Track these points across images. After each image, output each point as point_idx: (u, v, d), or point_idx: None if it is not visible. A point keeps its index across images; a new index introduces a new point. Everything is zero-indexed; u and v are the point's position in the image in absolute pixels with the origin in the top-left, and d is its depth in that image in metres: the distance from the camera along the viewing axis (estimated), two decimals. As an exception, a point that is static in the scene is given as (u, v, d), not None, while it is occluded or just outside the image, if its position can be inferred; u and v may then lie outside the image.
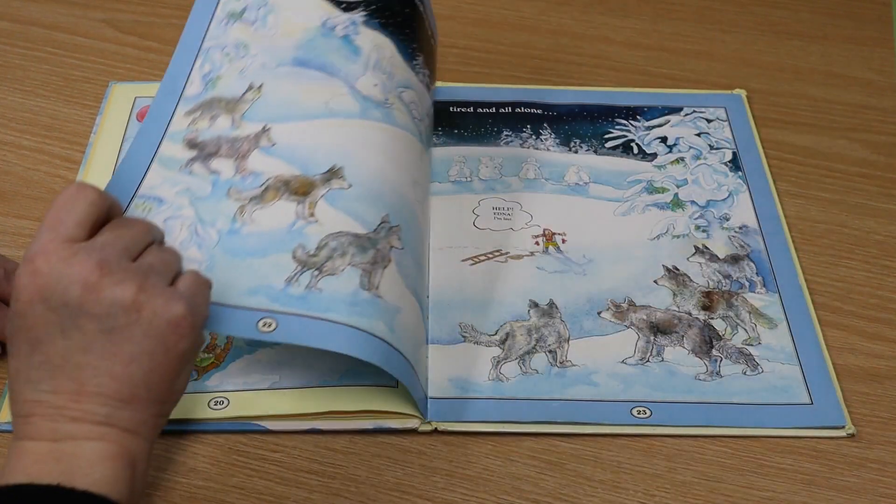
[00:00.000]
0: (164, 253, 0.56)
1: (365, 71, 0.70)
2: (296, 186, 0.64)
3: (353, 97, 0.69)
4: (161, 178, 0.64)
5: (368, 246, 0.62)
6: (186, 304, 0.53)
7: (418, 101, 0.74)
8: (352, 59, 0.70)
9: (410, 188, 0.68)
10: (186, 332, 0.53)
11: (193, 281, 0.56)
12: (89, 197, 0.54)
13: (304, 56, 0.70)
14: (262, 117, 0.67)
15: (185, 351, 0.53)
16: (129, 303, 0.51)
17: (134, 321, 0.51)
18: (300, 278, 0.60)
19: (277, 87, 0.68)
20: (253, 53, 0.70)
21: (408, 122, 0.71)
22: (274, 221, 0.62)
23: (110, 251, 0.52)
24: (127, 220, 0.57)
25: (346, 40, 0.71)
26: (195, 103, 0.68)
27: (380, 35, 0.72)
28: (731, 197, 0.78)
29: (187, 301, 0.53)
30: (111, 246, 0.53)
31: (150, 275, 0.53)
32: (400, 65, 0.73)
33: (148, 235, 0.56)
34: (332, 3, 0.72)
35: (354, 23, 0.72)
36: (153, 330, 0.52)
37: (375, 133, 0.68)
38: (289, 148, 0.66)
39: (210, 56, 0.70)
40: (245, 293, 0.59)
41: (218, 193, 0.64)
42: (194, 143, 0.66)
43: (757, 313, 0.70)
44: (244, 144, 0.66)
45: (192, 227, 0.62)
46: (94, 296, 0.51)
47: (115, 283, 0.51)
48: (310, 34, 0.71)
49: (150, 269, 0.53)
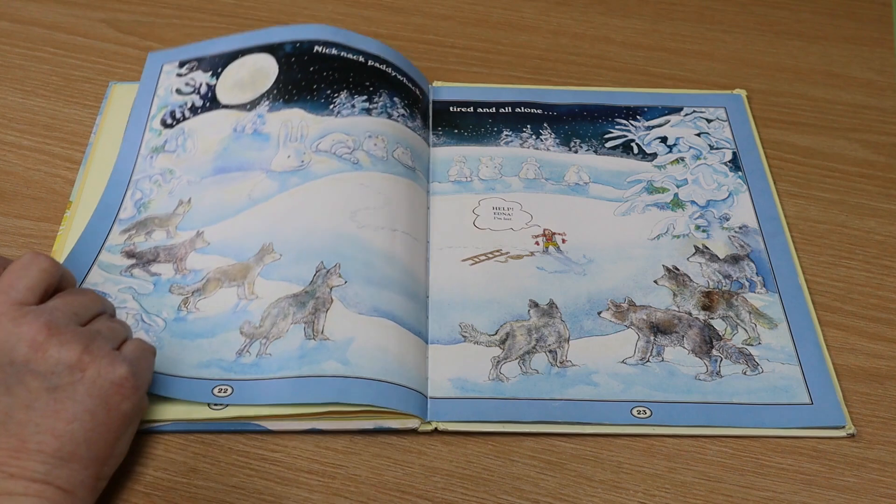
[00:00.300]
0: (113, 322, 0.59)
1: (277, 150, 0.76)
2: (234, 274, 0.70)
3: (270, 179, 0.75)
4: (103, 278, 0.70)
5: (307, 299, 0.67)
6: (130, 367, 0.55)
7: (351, 129, 0.77)
8: (263, 147, 0.77)
9: (348, 220, 0.71)
10: (129, 394, 0.55)
11: (138, 346, 0.59)
12: (42, 265, 0.57)
13: (222, 164, 0.77)
14: (195, 225, 0.73)
15: (127, 412, 0.55)
16: (74, 362, 0.53)
17: (78, 380, 0.53)
18: (250, 349, 0.65)
19: (204, 197, 0.75)
20: (178, 175, 0.77)
21: (332, 165, 0.75)
22: (218, 307, 0.68)
23: (59, 314, 0.55)
24: (78, 289, 0.60)
25: (255, 134, 0.78)
26: (130, 223, 0.74)
27: (286, 111, 0.79)
28: (731, 197, 0.78)
29: (131, 363, 0.56)
30: (60, 310, 0.56)
31: (96, 338, 0.55)
32: (314, 120, 0.78)
33: (98, 304, 0.59)
34: (239, 109, 0.80)
35: (260, 115, 0.79)
36: (96, 390, 0.54)
37: (296, 197, 0.73)
38: (222, 244, 0.72)
39: (140, 186, 0.76)
40: (197, 367, 0.64)
41: (160, 290, 0.69)
42: (132, 254, 0.72)
43: (757, 313, 0.70)
44: (181, 250, 0.72)
45: (137, 316, 0.67)
46: (39, 354, 0.53)
47: (61, 343, 0.54)
48: (224, 143, 0.78)
49: (97, 334, 0.56)
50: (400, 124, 0.79)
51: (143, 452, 0.62)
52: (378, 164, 0.76)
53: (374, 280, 0.69)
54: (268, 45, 0.83)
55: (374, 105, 0.79)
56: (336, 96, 0.79)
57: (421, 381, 0.65)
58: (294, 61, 0.82)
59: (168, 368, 0.64)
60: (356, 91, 0.80)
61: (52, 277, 0.57)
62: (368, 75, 0.81)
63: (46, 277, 0.57)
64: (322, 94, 0.80)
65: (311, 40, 0.83)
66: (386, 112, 0.79)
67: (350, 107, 0.79)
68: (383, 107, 0.80)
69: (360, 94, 0.80)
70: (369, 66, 0.82)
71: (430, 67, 0.89)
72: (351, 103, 0.79)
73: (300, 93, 0.80)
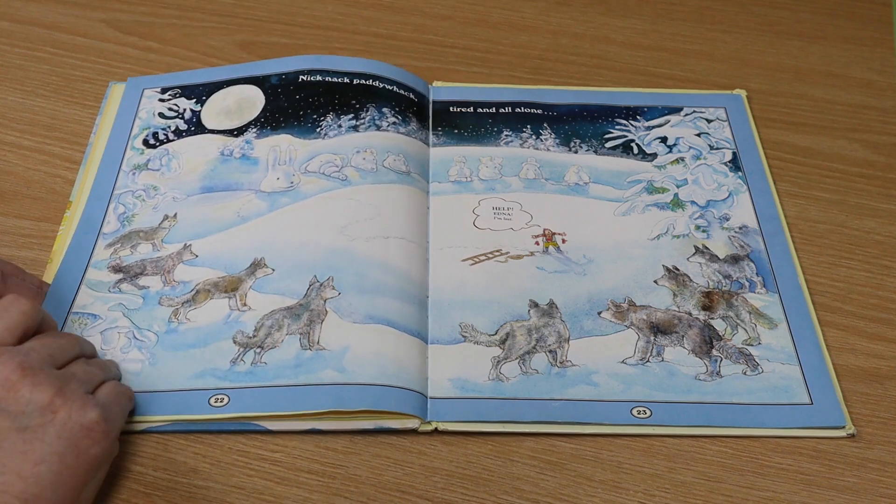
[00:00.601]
0: (90, 366, 0.59)
1: (266, 173, 0.77)
2: (224, 286, 0.70)
3: (259, 199, 0.75)
4: (92, 298, 0.69)
5: (301, 311, 0.68)
6: (101, 412, 0.55)
7: (339, 149, 0.78)
8: (252, 170, 0.78)
9: (339, 235, 0.72)
10: (99, 438, 0.55)
11: (113, 390, 0.59)
12: (22, 307, 0.57)
13: (209, 184, 0.77)
14: (182, 238, 0.73)
15: (97, 457, 0.55)
16: (46, 404, 0.54)
17: (48, 422, 0.53)
18: (244, 357, 0.66)
19: (191, 213, 0.75)
20: (163, 192, 0.76)
21: (321, 184, 0.76)
22: (210, 317, 0.68)
23: (34, 356, 0.55)
24: (57, 332, 0.61)
25: (243, 158, 0.79)
26: (114, 237, 0.74)
27: (273, 137, 0.80)
28: (731, 197, 0.78)
29: (102, 409, 0.56)
30: (35, 352, 0.56)
31: (70, 381, 0.56)
32: (302, 143, 0.79)
33: (76, 347, 0.60)
34: (225, 134, 0.80)
35: (248, 141, 0.80)
36: (66, 433, 0.54)
37: (286, 215, 0.74)
38: (212, 256, 0.72)
39: (122, 200, 0.76)
40: (192, 377, 0.65)
41: (150, 304, 0.69)
42: (119, 268, 0.72)
43: (757, 313, 0.70)
44: (168, 262, 0.72)
45: (129, 334, 0.67)
46: (11, 394, 0.53)
47: (33, 384, 0.54)
48: (211, 164, 0.78)
49: (72, 377, 0.56)
50: (390, 133, 0.80)
51: (143, 452, 0.62)
52: (367, 176, 0.76)
53: (367, 289, 0.69)
54: (253, 77, 0.84)
55: (362, 121, 0.80)
56: (322, 119, 0.80)
57: (421, 382, 0.65)
58: (280, 91, 0.83)
59: (163, 382, 0.64)
60: (342, 111, 0.81)
61: (31, 320, 0.57)
62: (354, 93, 0.82)
63: (25, 320, 0.57)
64: (309, 119, 0.81)
65: (296, 71, 0.84)
66: (374, 125, 0.80)
67: (337, 127, 0.80)
68: (371, 120, 0.80)
69: (346, 113, 0.81)
70: (355, 84, 0.83)
71: (430, 67, 0.89)
72: (338, 124, 0.80)
73: (287, 119, 0.81)
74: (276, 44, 0.91)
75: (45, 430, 0.53)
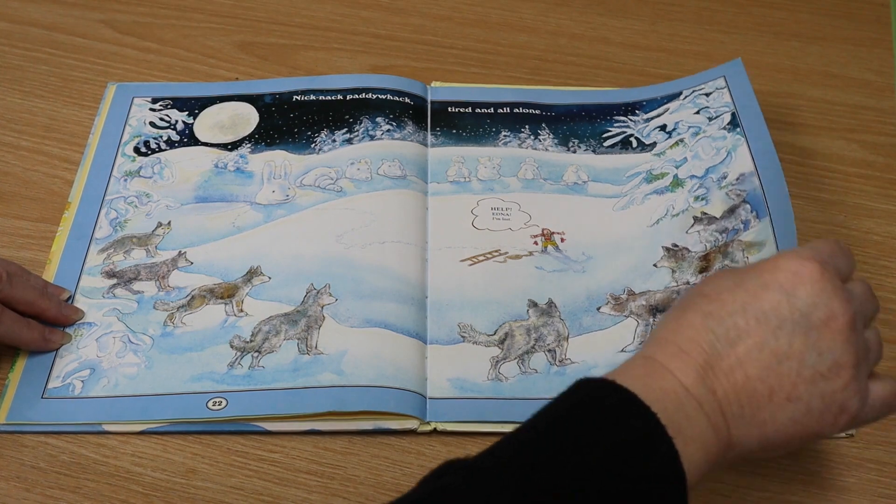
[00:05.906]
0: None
1: (261, 185, 0.78)
2: (220, 292, 0.70)
3: (255, 210, 0.76)
4: (86, 306, 0.69)
5: (299, 317, 0.68)
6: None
7: (333, 162, 0.79)
8: (246, 183, 0.78)
9: (335, 243, 0.73)
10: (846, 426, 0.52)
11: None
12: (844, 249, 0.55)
13: (203, 194, 0.77)
14: (176, 245, 0.73)
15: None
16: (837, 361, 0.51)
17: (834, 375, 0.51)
18: (242, 361, 0.66)
19: (185, 221, 0.75)
20: (156, 199, 0.77)
21: (317, 196, 0.76)
22: (206, 322, 0.68)
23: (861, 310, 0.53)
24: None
25: (238, 171, 0.79)
26: (107, 242, 0.74)
27: (268, 152, 0.80)
28: (729, 155, 0.76)
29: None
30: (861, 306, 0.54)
31: (867, 357, 0.53)
32: (297, 159, 0.79)
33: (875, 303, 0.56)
34: (219, 148, 0.80)
35: (242, 156, 0.80)
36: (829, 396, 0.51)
37: (282, 226, 0.75)
38: (207, 264, 0.72)
39: (114, 205, 0.76)
40: (189, 380, 0.65)
41: (145, 308, 0.69)
42: (112, 273, 0.72)
43: (748, 245, 0.70)
44: (163, 268, 0.72)
45: (124, 338, 0.67)
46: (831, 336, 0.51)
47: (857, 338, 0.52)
48: (205, 176, 0.78)
49: (868, 353, 0.53)
50: (385, 140, 0.80)
51: (143, 453, 0.62)
52: (362, 185, 0.77)
53: (364, 294, 0.69)
54: (247, 95, 0.84)
55: (356, 134, 0.81)
56: (317, 136, 0.81)
57: (419, 383, 0.65)
58: (275, 110, 0.83)
59: (160, 386, 0.64)
60: (336, 127, 0.81)
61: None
62: (347, 108, 0.82)
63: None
64: (303, 136, 0.81)
65: (290, 91, 0.84)
66: (368, 136, 0.80)
67: (331, 142, 0.80)
68: (364, 132, 0.81)
69: (339, 128, 0.81)
70: (348, 100, 0.83)
71: (429, 68, 0.89)
72: (332, 139, 0.80)
73: (282, 136, 0.81)
74: (275, 44, 0.91)
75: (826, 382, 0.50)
